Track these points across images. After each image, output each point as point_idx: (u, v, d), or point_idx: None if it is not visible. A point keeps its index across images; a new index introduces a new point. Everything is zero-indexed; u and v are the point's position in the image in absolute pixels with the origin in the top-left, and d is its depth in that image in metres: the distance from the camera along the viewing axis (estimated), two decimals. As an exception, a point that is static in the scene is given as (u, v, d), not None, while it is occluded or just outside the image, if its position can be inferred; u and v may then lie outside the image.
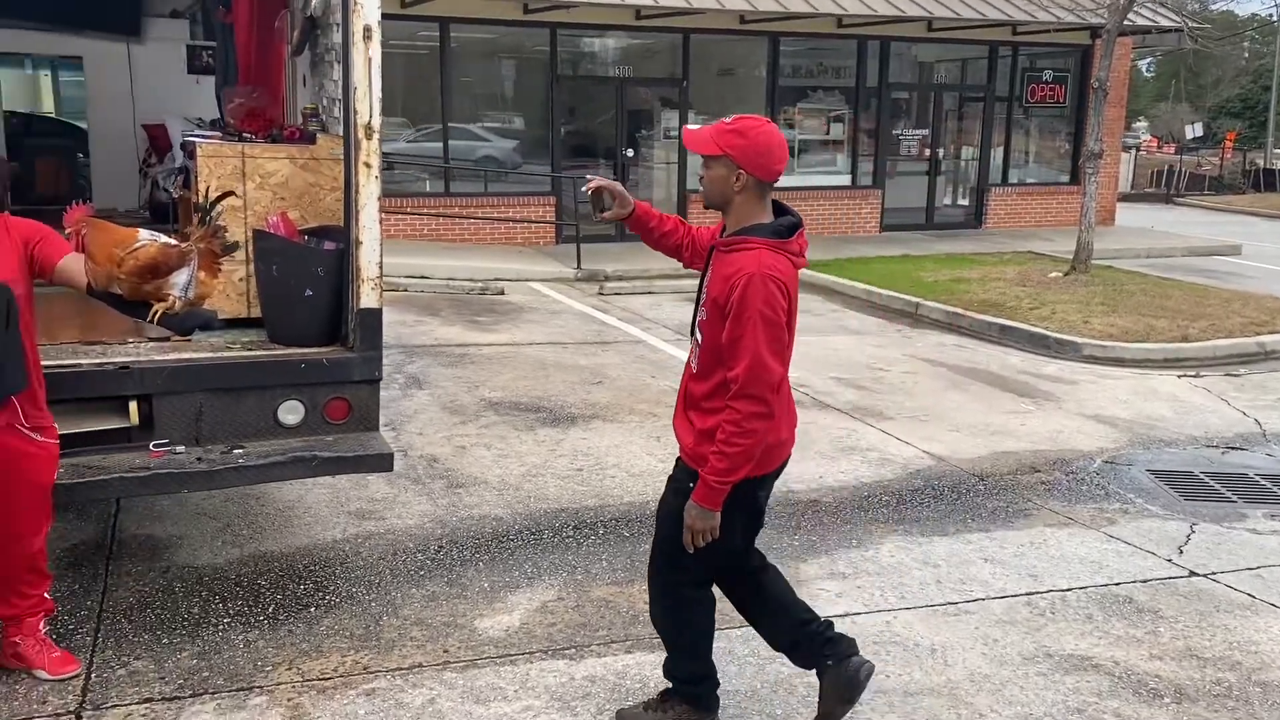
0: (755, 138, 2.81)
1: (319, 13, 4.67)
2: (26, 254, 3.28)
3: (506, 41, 14.51)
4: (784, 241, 2.84)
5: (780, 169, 2.85)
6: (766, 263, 2.77)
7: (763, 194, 2.87)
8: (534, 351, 8.37)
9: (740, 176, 2.82)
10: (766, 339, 2.75)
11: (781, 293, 2.77)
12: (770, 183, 2.86)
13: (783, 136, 2.88)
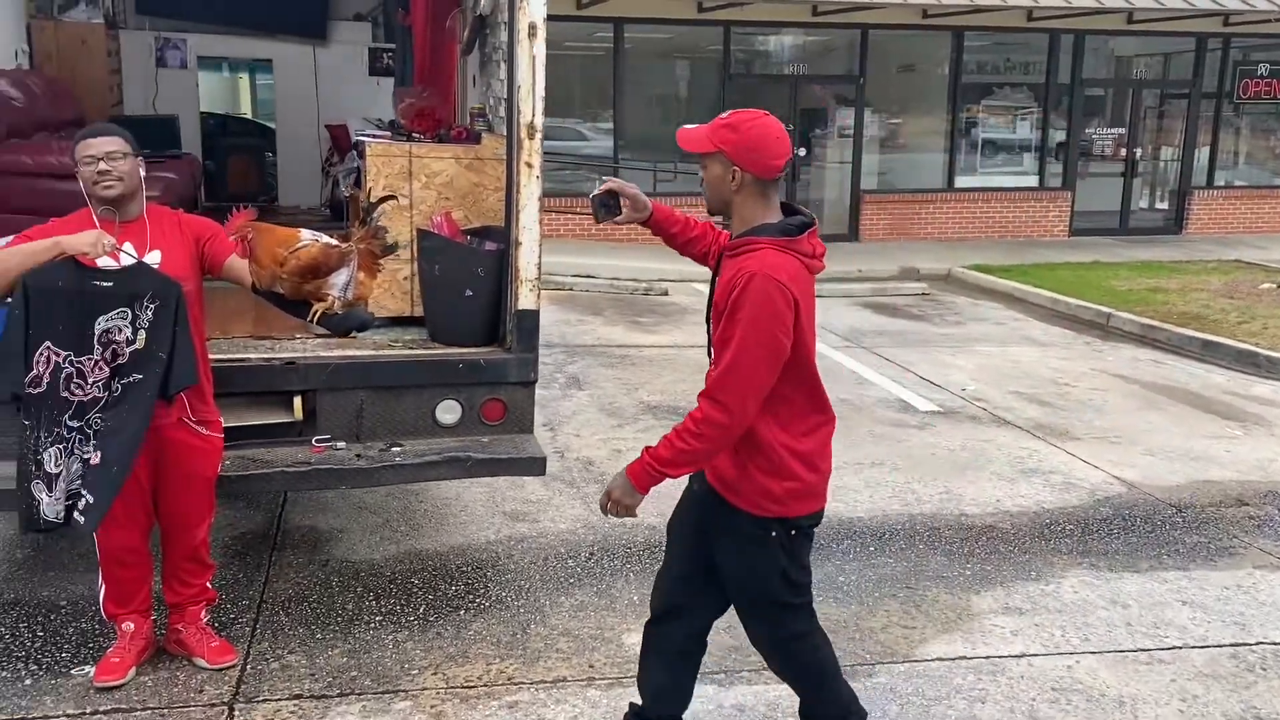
0: (749, 131, 2.54)
1: (488, 11, 4.65)
2: (198, 251, 3.36)
3: (679, 41, 14.43)
4: (792, 240, 2.54)
5: (780, 164, 2.56)
6: (770, 263, 2.48)
7: (765, 192, 2.58)
8: (695, 354, 8.21)
9: (736, 174, 2.55)
10: (757, 343, 2.45)
11: (785, 298, 2.46)
12: (770, 179, 2.57)
13: (781, 128, 2.59)
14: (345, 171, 7.09)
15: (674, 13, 13.35)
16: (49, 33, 6.89)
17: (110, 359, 3.13)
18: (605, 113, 13.89)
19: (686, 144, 2.64)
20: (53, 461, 3.11)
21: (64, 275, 3.09)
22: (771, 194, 2.59)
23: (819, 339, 2.88)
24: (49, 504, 3.11)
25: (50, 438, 3.10)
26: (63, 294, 3.10)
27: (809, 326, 2.58)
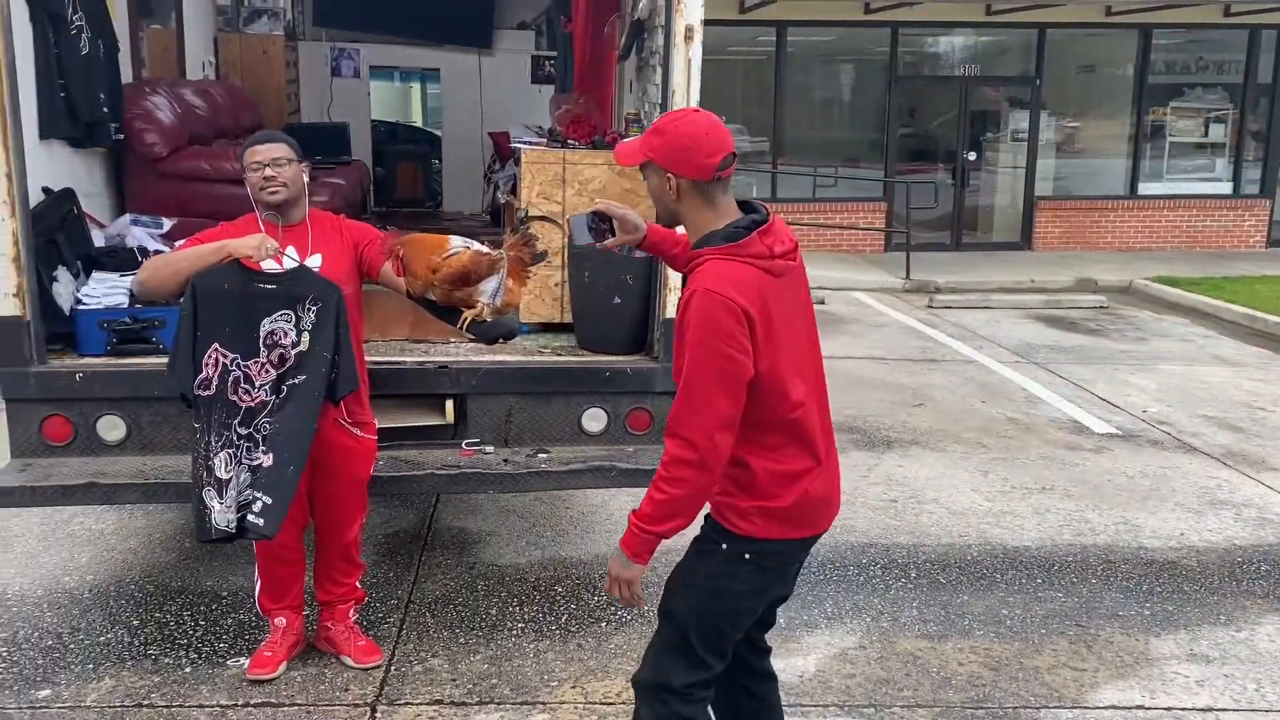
0: (675, 132, 2.29)
1: (645, 15, 4.59)
2: (357, 255, 3.41)
3: (844, 43, 14.11)
4: (739, 245, 2.26)
5: (714, 161, 2.27)
6: (713, 275, 2.22)
7: (707, 196, 2.31)
8: (851, 366, 7.95)
9: (672, 181, 2.30)
10: (707, 368, 2.19)
11: (732, 312, 2.18)
12: (708, 181, 2.29)
13: (713, 122, 2.30)
14: (505, 178, 7.19)
15: (839, 14, 13.06)
16: (234, 44, 7.27)
17: (277, 362, 3.19)
18: (765, 117, 13.71)
19: (621, 159, 2.43)
20: (223, 467, 3.18)
21: (230, 278, 3.19)
22: (717, 197, 2.32)
23: (981, 352, 2.62)
24: (220, 512, 3.17)
25: (220, 442, 3.18)
26: (229, 296, 3.19)
27: (785, 340, 2.28)
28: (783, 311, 2.28)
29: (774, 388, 2.27)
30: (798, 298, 2.37)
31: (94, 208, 4.49)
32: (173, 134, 4.85)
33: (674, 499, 2.25)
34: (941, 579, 4.38)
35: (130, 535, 4.58)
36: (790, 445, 2.33)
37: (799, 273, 2.37)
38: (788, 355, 2.29)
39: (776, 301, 2.27)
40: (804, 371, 2.35)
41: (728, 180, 2.33)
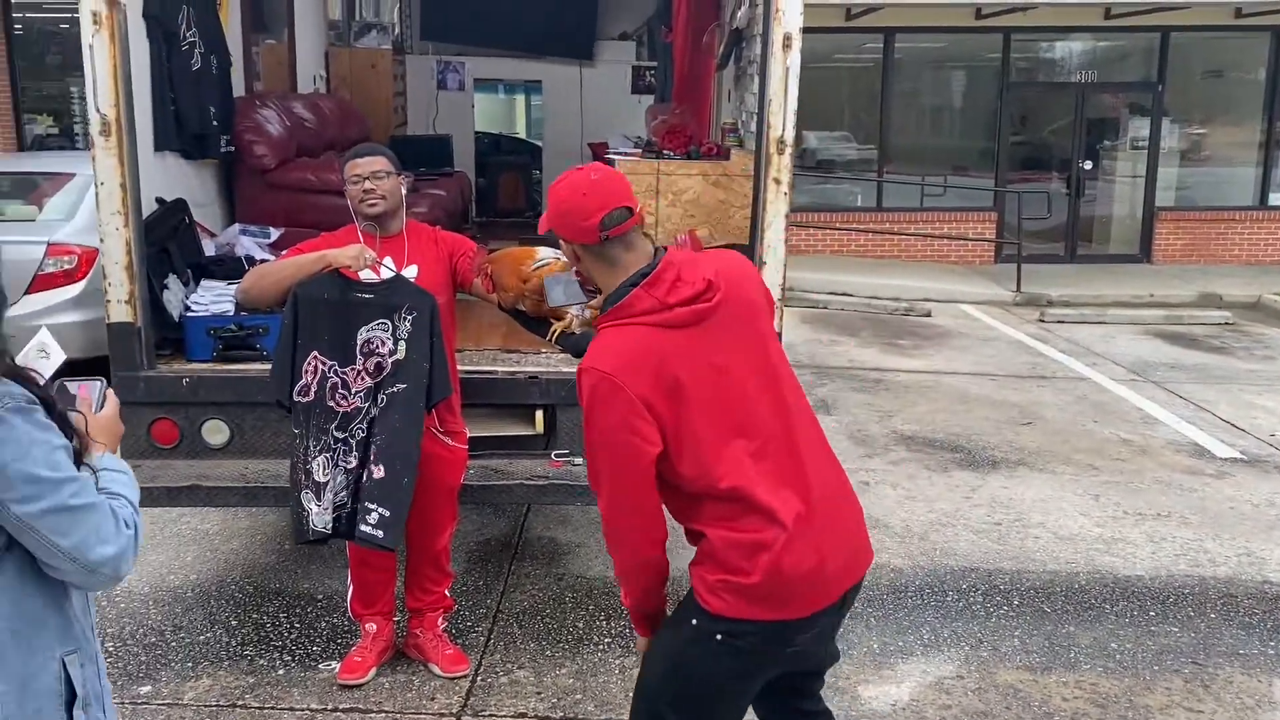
0: (553, 199, 2.12)
1: (743, 24, 4.54)
2: (451, 266, 3.44)
3: (953, 50, 13.77)
4: (621, 306, 2.02)
5: (593, 223, 2.03)
6: (597, 348, 2.02)
7: (605, 258, 2.08)
8: (956, 382, 7.72)
9: (571, 250, 2.14)
10: (599, 451, 2.02)
11: (615, 391, 1.94)
12: (597, 244, 2.06)
13: (590, 180, 2.09)
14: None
15: (949, 21, 12.75)
16: (343, 59, 7.47)
17: (374, 370, 3.24)
18: (872, 124, 13.48)
19: (541, 228, 2.25)
20: (320, 470, 3.24)
21: (329, 287, 3.24)
22: (618, 256, 2.07)
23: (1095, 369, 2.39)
24: (317, 514, 3.23)
25: (318, 446, 3.24)
26: (328, 305, 3.24)
27: (708, 398, 1.99)
28: (699, 367, 2.00)
29: (695, 458, 2.00)
30: (731, 340, 2.04)
31: (206, 218, 4.65)
32: (281, 146, 4.99)
33: (619, 565, 2.14)
34: (1046, 608, 4.19)
35: (233, 536, 4.71)
36: (745, 514, 2.01)
37: (732, 309, 2.05)
38: (714, 415, 2.00)
39: (686, 358, 1.99)
40: (748, 425, 2.02)
41: (627, 237, 2.07)
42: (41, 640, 1.60)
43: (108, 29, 3.51)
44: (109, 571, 1.58)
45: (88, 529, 1.55)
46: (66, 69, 13.28)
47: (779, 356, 2.14)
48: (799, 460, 2.05)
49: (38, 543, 1.53)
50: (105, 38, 3.51)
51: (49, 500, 1.51)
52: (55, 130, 13.31)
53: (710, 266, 2.06)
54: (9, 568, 1.56)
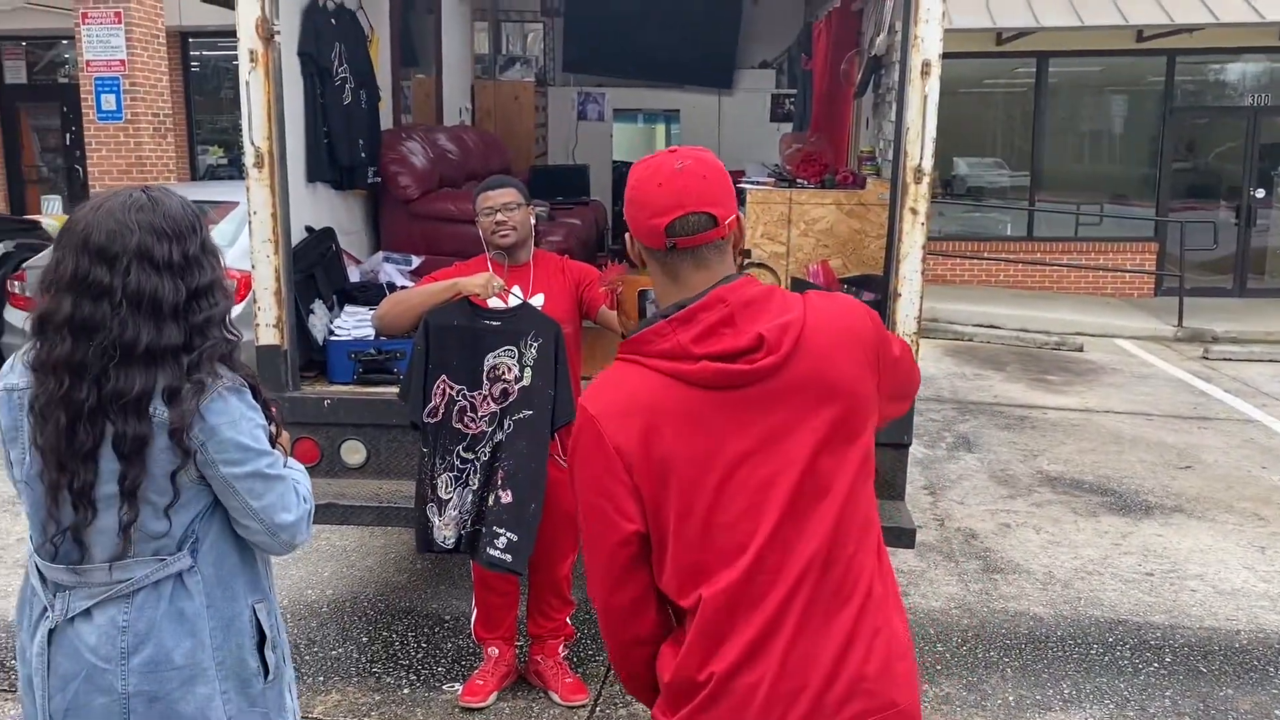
0: (630, 181, 1.65)
1: (882, 51, 4.44)
2: (578, 295, 3.47)
3: (1112, 73, 13.19)
4: (639, 339, 1.58)
5: (659, 223, 1.57)
6: (598, 384, 1.63)
7: (667, 269, 1.62)
8: (1109, 421, 7.32)
9: (628, 243, 1.71)
10: (581, 510, 1.62)
11: (596, 442, 1.56)
12: (660, 250, 1.60)
13: (667, 169, 1.60)
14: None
15: (1108, 44, 12.22)
16: (488, 91, 7.68)
17: (499, 396, 3.30)
18: (1024, 150, 13.02)
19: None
20: (444, 488, 3.34)
21: (459, 314, 3.33)
22: (682, 271, 1.61)
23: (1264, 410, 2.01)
24: (439, 528, 3.35)
25: (444, 465, 3.34)
26: (457, 331, 3.33)
27: (711, 492, 1.52)
28: (707, 448, 1.53)
29: (674, 563, 1.56)
30: (774, 426, 1.53)
31: (352, 245, 4.84)
32: (424, 177, 5.15)
33: (607, 645, 1.72)
34: (1202, 667, 3.90)
35: (369, 553, 4.85)
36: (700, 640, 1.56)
37: (795, 384, 1.53)
38: (710, 517, 1.53)
39: (692, 429, 1.53)
40: (734, 556, 1.53)
41: (699, 251, 1.59)
42: (238, 588, 1.87)
43: (263, 66, 3.70)
44: (287, 537, 1.86)
45: (275, 496, 1.82)
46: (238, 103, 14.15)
47: (849, 468, 1.56)
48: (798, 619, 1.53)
49: (237, 502, 1.80)
50: (260, 74, 3.70)
51: (250, 465, 1.79)
52: (225, 161, 14.18)
53: (784, 316, 1.54)
54: (215, 525, 1.83)
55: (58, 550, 1.78)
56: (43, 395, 1.71)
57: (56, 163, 14.13)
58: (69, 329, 1.70)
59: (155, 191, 1.81)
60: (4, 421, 1.80)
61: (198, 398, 1.73)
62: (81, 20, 10.26)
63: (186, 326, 1.74)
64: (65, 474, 1.71)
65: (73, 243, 1.72)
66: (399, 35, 5.75)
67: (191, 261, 1.76)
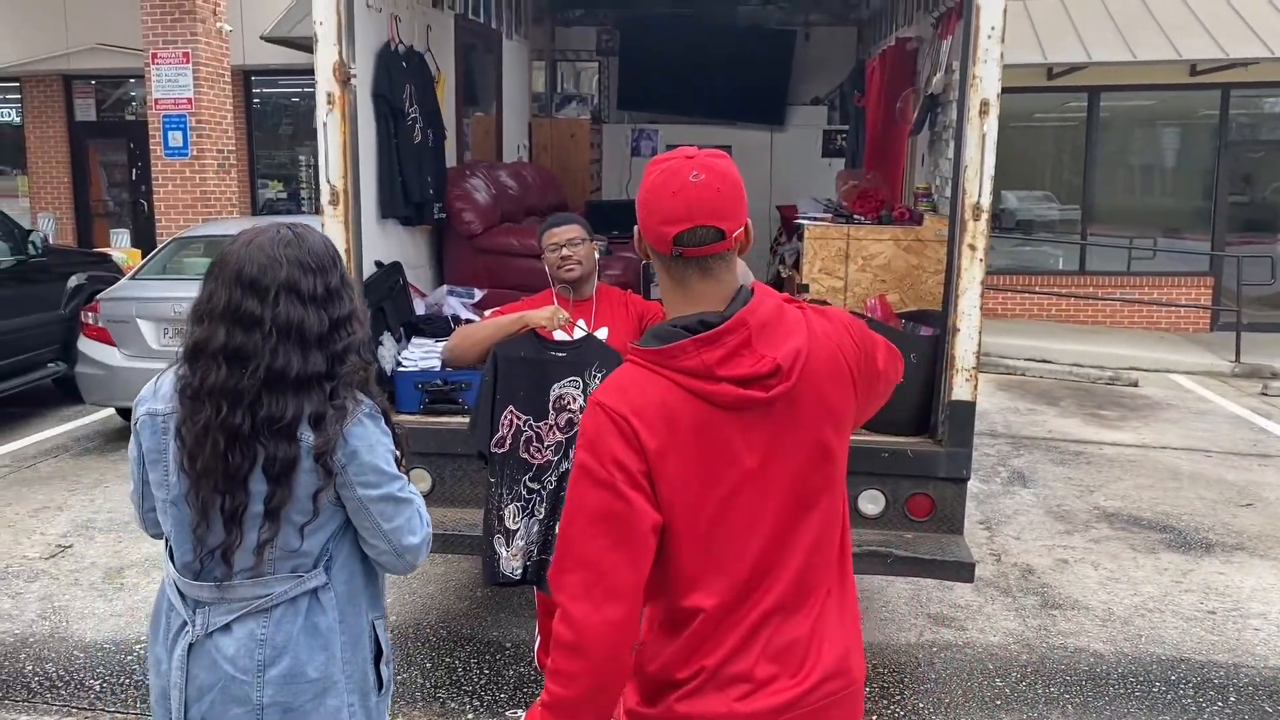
0: (644, 181, 1.67)
1: (939, 90, 4.51)
2: (641, 329, 3.55)
3: (1164, 107, 13.12)
4: (661, 351, 1.60)
5: (670, 231, 1.60)
6: (614, 383, 1.64)
7: (674, 275, 1.65)
8: (1166, 457, 7.24)
9: (637, 242, 1.72)
10: (584, 507, 1.60)
11: (616, 427, 1.58)
12: (667, 255, 1.63)
13: (685, 180, 1.60)
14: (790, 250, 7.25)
15: (1161, 79, 12.17)
16: (545, 128, 7.85)
17: (565, 425, 3.39)
18: (1074, 184, 12.97)
19: None
20: (512, 519, 3.42)
21: (526, 346, 3.42)
22: (690, 280, 1.64)
23: None
24: (506, 559, 3.41)
25: (510, 495, 3.42)
26: (524, 363, 3.42)
27: (719, 507, 1.61)
28: (723, 467, 1.61)
29: (674, 564, 1.63)
30: (779, 443, 1.63)
31: (417, 279, 4.98)
32: (487, 213, 5.29)
33: (561, 701, 1.58)
34: (1268, 708, 3.85)
35: (430, 580, 4.95)
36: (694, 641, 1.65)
37: (798, 404, 1.62)
38: (713, 528, 1.62)
39: (713, 449, 1.60)
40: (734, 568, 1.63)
41: (705, 262, 1.63)
42: (363, 604, 1.97)
43: (340, 108, 3.85)
44: (411, 559, 1.94)
45: (404, 519, 1.91)
46: (296, 138, 14.53)
47: (830, 482, 1.68)
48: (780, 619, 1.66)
49: (369, 523, 1.89)
50: (337, 115, 3.85)
51: (385, 489, 1.87)
52: (284, 195, 14.55)
53: (793, 341, 1.63)
54: (346, 543, 1.93)
55: (202, 568, 1.87)
56: (198, 420, 1.80)
57: (122, 197, 14.58)
58: (223, 357, 1.79)
59: (299, 228, 1.90)
60: (147, 444, 1.89)
61: (341, 422, 1.82)
62: (151, 60, 10.64)
63: (329, 354, 1.84)
64: (220, 496, 1.80)
65: (226, 276, 1.82)
66: (463, 75, 5.92)
67: (333, 293, 1.86)
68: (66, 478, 6.52)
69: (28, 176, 14.58)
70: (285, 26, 11.66)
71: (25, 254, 7.73)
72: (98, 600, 4.71)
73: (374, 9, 4.43)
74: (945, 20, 4.52)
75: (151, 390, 1.92)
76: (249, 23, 12.30)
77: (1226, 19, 11.52)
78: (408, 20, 4.85)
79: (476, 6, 6.08)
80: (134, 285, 7.30)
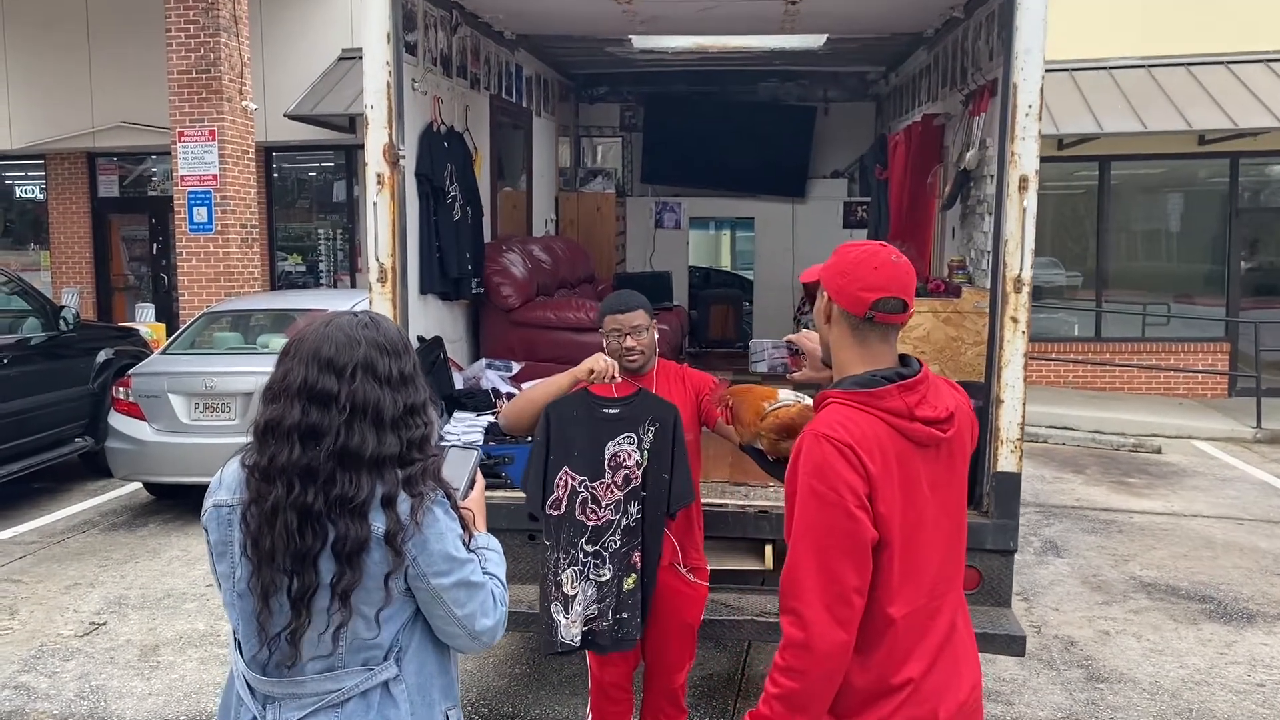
0: (843, 257, 2.06)
1: (972, 165, 4.59)
2: (697, 403, 3.56)
3: (1173, 175, 13.28)
4: (870, 393, 1.95)
5: (869, 298, 1.97)
6: (830, 420, 1.93)
7: (857, 334, 2.02)
8: (1197, 525, 7.20)
9: (826, 303, 2.07)
10: (815, 521, 1.86)
11: (845, 457, 1.86)
12: (859, 317, 1.99)
13: (889, 263, 2.00)
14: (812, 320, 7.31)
15: (1170, 148, 12.34)
16: (571, 202, 7.98)
17: (622, 483, 3.34)
18: (1080, 251, 13.08)
19: (805, 277, 2.25)
20: (569, 584, 3.34)
21: (578, 405, 3.37)
22: (870, 340, 2.01)
23: None
24: (565, 626, 3.32)
25: (567, 560, 3.35)
26: (578, 421, 3.35)
27: (909, 529, 1.92)
28: (915, 493, 1.94)
29: (883, 576, 1.91)
30: (945, 478, 2.01)
31: (455, 353, 5.03)
32: (524, 287, 5.36)
33: (789, 692, 1.86)
34: (1329, 784, 3.79)
35: (468, 657, 4.89)
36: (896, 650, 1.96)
37: (954, 447, 2.02)
38: (907, 548, 1.93)
39: (909, 477, 1.94)
40: (920, 581, 1.97)
41: (887, 329, 2.02)
42: (435, 695, 1.94)
43: (389, 188, 3.93)
44: (486, 639, 1.92)
45: (477, 604, 1.89)
46: (314, 212, 14.73)
47: (962, 518, 2.10)
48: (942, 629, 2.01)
49: (442, 611, 1.87)
50: (387, 196, 3.93)
51: (456, 575, 1.86)
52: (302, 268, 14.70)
53: (954, 398, 2.04)
54: (417, 633, 1.90)
55: (270, 659, 1.83)
56: (266, 500, 1.77)
57: (143, 271, 14.74)
58: (297, 434, 1.78)
59: (374, 314, 1.93)
60: (214, 537, 1.87)
61: (419, 513, 1.80)
62: (178, 138, 10.85)
63: (402, 439, 1.83)
64: (287, 576, 1.77)
65: (303, 354, 1.82)
66: (496, 152, 6.05)
67: (407, 379, 1.87)
68: (97, 553, 6.51)
69: (49, 251, 14.76)
70: (309, 104, 11.91)
71: (57, 329, 7.80)
72: (135, 679, 4.67)
73: (419, 92, 4.55)
74: (977, 98, 4.62)
75: (217, 481, 1.90)
76: (271, 100, 12.57)
77: (1234, 91, 11.72)
78: (449, 101, 4.97)
79: (510, 86, 6.22)
80: (165, 360, 7.36)
